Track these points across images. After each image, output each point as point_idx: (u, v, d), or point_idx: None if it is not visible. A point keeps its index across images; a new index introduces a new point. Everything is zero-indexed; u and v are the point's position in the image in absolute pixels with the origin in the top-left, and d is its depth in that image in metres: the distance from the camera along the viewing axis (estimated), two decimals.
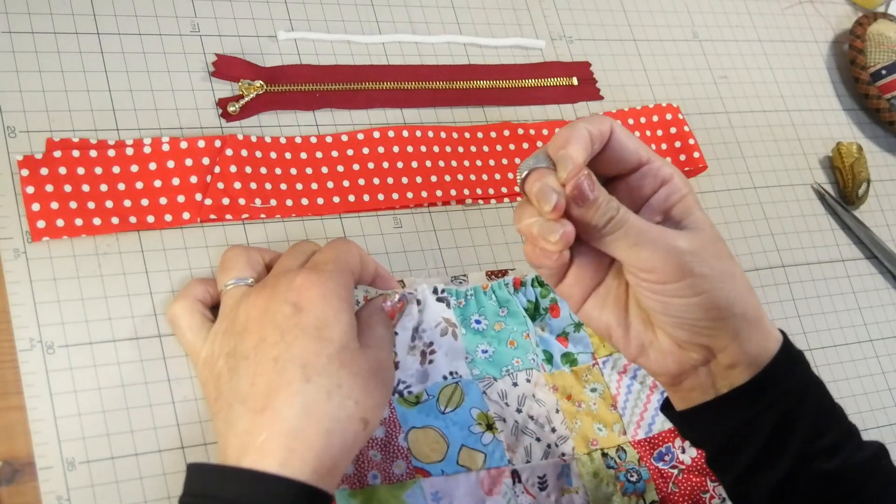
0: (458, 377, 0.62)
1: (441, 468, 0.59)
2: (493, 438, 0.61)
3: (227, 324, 0.54)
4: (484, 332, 0.64)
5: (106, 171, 0.60)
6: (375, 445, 0.58)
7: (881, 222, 0.85)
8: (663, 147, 0.77)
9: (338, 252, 0.56)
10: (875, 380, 0.77)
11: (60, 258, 0.58)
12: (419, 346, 0.62)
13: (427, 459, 0.59)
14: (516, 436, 0.62)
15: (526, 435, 0.62)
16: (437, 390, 0.61)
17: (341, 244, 0.57)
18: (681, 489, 0.64)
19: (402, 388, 0.60)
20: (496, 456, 0.60)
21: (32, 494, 0.52)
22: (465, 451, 0.60)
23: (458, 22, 0.76)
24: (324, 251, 0.57)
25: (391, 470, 0.58)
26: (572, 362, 0.66)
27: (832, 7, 0.94)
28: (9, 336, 0.55)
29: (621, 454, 0.64)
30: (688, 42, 0.85)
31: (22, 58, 0.62)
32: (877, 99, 0.87)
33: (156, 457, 0.55)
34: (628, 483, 0.63)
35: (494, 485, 0.59)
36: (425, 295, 0.62)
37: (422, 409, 0.60)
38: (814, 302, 0.79)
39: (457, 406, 0.61)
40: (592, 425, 0.64)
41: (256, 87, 0.66)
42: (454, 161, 0.70)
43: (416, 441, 0.59)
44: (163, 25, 0.66)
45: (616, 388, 0.66)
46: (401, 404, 0.60)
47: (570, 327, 0.67)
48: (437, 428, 0.60)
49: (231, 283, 0.57)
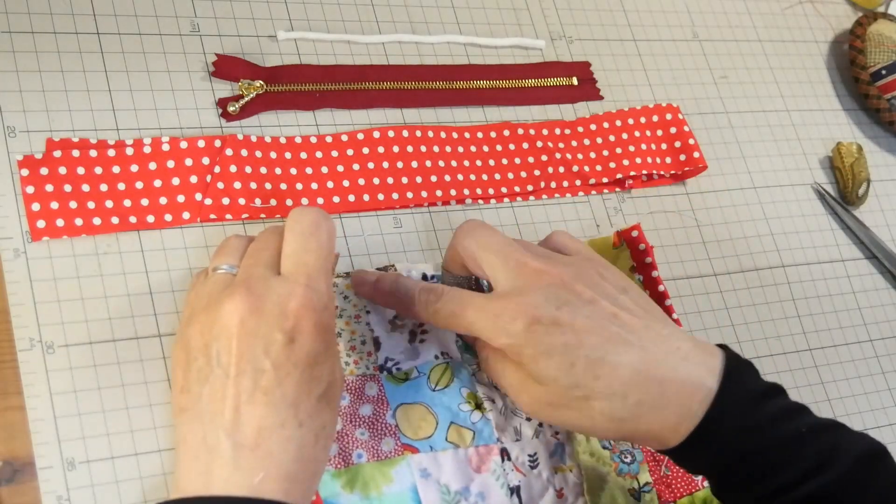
0: (448, 358, 0.62)
1: (429, 444, 0.59)
2: (481, 417, 0.61)
3: (205, 317, 0.51)
4: None
5: (106, 170, 0.60)
6: (363, 424, 0.58)
7: (881, 222, 0.85)
8: (663, 147, 0.77)
9: (319, 252, 0.53)
10: (875, 380, 0.78)
11: (60, 258, 0.58)
12: (408, 324, 0.62)
13: (415, 436, 0.59)
14: (505, 416, 0.62)
15: (516, 416, 0.62)
16: (429, 368, 0.61)
17: (313, 237, 0.53)
18: (673, 472, 0.65)
19: (391, 366, 0.60)
20: (485, 434, 0.60)
21: (32, 494, 0.52)
22: (454, 428, 0.60)
23: (458, 22, 0.76)
24: (304, 250, 0.53)
25: (379, 447, 0.58)
26: None
27: (832, 7, 0.94)
28: (9, 336, 0.55)
29: None
30: (688, 42, 0.85)
31: (22, 58, 0.62)
32: (877, 99, 0.87)
33: (156, 457, 0.55)
34: (622, 464, 0.63)
35: (483, 462, 0.60)
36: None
37: (411, 386, 0.60)
38: (814, 302, 0.79)
39: (446, 385, 0.61)
40: None
41: (256, 87, 0.66)
42: (454, 161, 0.70)
43: (405, 417, 0.59)
44: (163, 25, 0.66)
45: None
46: (389, 381, 0.60)
47: None
48: (426, 404, 0.60)
49: (223, 269, 0.54)
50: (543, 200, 0.72)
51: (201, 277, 0.57)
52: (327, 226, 0.54)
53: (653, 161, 0.76)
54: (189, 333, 0.52)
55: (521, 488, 0.60)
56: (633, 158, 0.75)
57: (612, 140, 0.75)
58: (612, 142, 0.75)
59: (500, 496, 0.59)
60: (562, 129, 0.74)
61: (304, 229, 0.53)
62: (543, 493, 0.60)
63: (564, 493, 0.61)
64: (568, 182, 0.73)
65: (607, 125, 0.76)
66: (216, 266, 0.55)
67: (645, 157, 0.75)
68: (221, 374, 0.49)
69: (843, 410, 0.75)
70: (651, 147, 0.76)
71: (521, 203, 0.71)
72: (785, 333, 0.76)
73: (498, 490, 0.59)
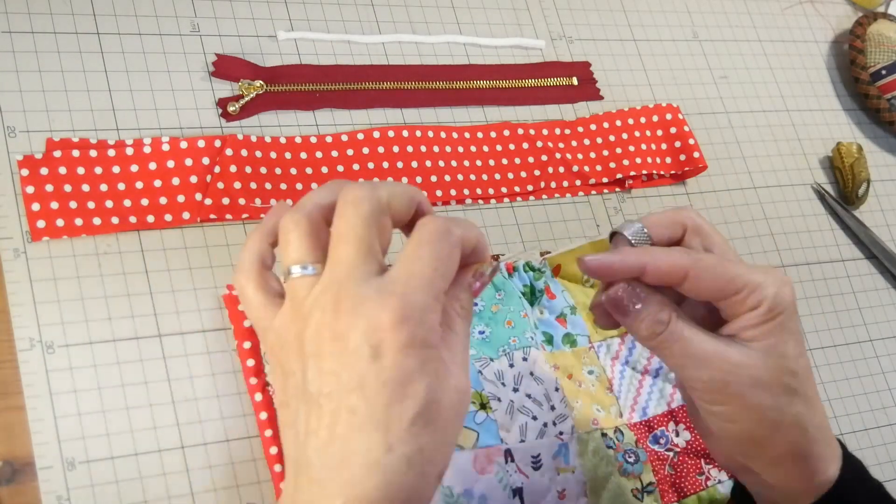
0: None
1: None
2: (486, 417, 0.61)
3: (296, 325, 0.46)
4: (480, 313, 0.64)
5: (106, 170, 0.60)
6: None
7: (881, 222, 0.85)
8: (663, 147, 0.77)
9: (430, 262, 0.45)
10: (875, 380, 0.77)
11: (60, 258, 0.58)
12: None
13: None
14: (511, 415, 0.62)
15: (521, 414, 0.62)
16: None
17: (428, 246, 0.45)
18: (677, 471, 0.65)
19: None
20: (489, 435, 0.60)
21: (32, 494, 0.52)
22: None
23: (458, 22, 0.76)
24: (415, 258, 0.45)
25: None
26: (572, 343, 0.66)
27: (832, 7, 0.94)
28: (9, 336, 0.55)
29: (619, 435, 0.64)
30: (688, 42, 0.85)
31: (22, 58, 0.62)
32: (877, 99, 0.87)
33: (156, 457, 0.55)
34: (626, 464, 0.63)
35: (487, 464, 0.59)
36: None
37: None
38: (814, 302, 0.79)
39: None
40: (591, 406, 0.65)
41: (256, 87, 0.66)
42: (454, 161, 0.70)
43: None
44: (163, 25, 0.66)
45: (611, 373, 0.66)
46: None
47: (566, 309, 0.67)
48: None
49: (296, 273, 0.46)
50: (543, 200, 0.72)
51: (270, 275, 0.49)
52: (453, 239, 0.46)
53: (653, 161, 0.76)
54: (278, 345, 0.47)
55: (523, 490, 0.60)
56: (633, 158, 0.75)
57: (612, 140, 0.75)
58: (612, 142, 0.75)
59: (503, 498, 0.59)
60: (562, 129, 0.74)
61: (423, 237, 0.46)
62: (546, 495, 0.60)
63: (566, 493, 0.61)
64: (568, 182, 0.73)
65: (607, 125, 0.76)
66: (288, 267, 0.46)
67: (645, 157, 0.75)
68: (315, 392, 0.45)
69: (843, 410, 0.75)
70: (651, 147, 0.76)
71: (521, 203, 0.71)
72: None
73: (500, 492, 0.59)
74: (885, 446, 0.75)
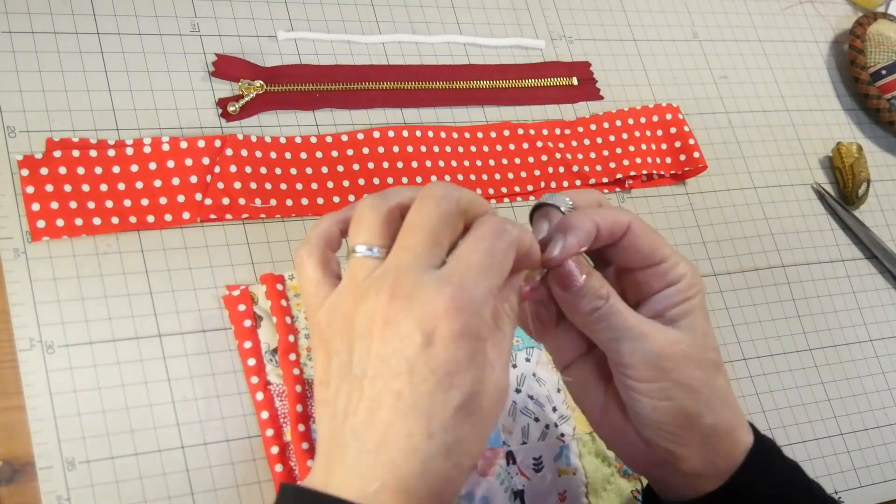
0: None
1: None
2: None
3: (346, 309, 0.46)
4: None
5: (106, 170, 0.60)
6: None
7: (881, 222, 0.85)
8: (663, 147, 0.77)
9: (487, 254, 0.46)
10: (875, 380, 0.77)
11: (60, 258, 0.58)
12: None
13: None
14: (513, 416, 0.62)
15: (524, 415, 0.62)
16: None
17: (487, 240, 0.46)
18: None
19: None
20: (491, 437, 0.60)
21: (32, 494, 0.52)
22: None
23: (458, 22, 0.76)
24: (472, 251, 0.46)
25: None
26: None
27: (832, 7, 0.94)
28: (9, 336, 0.55)
29: None
30: (688, 42, 0.85)
31: (22, 58, 0.62)
32: (877, 99, 0.87)
33: (156, 457, 0.55)
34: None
35: (488, 466, 0.59)
36: None
37: None
38: (814, 302, 0.78)
39: None
40: None
41: (256, 87, 0.66)
42: (454, 161, 0.70)
43: None
44: (163, 25, 0.66)
45: None
46: None
47: None
48: None
49: (360, 252, 0.47)
50: None
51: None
52: (510, 238, 0.47)
53: (653, 161, 0.76)
54: (326, 322, 0.47)
55: (524, 492, 0.60)
56: (633, 158, 0.75)
57: (612, 140, 0.75)
58: (612, 142, 0.75)
59: (505, 500, 0.59)
60: (562, 129, 0.74)
61: (482, 233, 0.47)
62: (547, 497, 0.60)
63: (567, 495, 0.61)
64: (568, 182, 0.73)
65: (607, 125, 0.76)
66: (354, 246, 0.47)
67: (645, 157, 0.75)
68: (359, 374, 0.45)
69: (843, 410, 0.75)
70: (651, 147, 0.76)
71: (521, 203, 0.71)
72: (785, 333, 0.76)
73: (502, 494, 0.59)
74: (885, 446, 0.75)
